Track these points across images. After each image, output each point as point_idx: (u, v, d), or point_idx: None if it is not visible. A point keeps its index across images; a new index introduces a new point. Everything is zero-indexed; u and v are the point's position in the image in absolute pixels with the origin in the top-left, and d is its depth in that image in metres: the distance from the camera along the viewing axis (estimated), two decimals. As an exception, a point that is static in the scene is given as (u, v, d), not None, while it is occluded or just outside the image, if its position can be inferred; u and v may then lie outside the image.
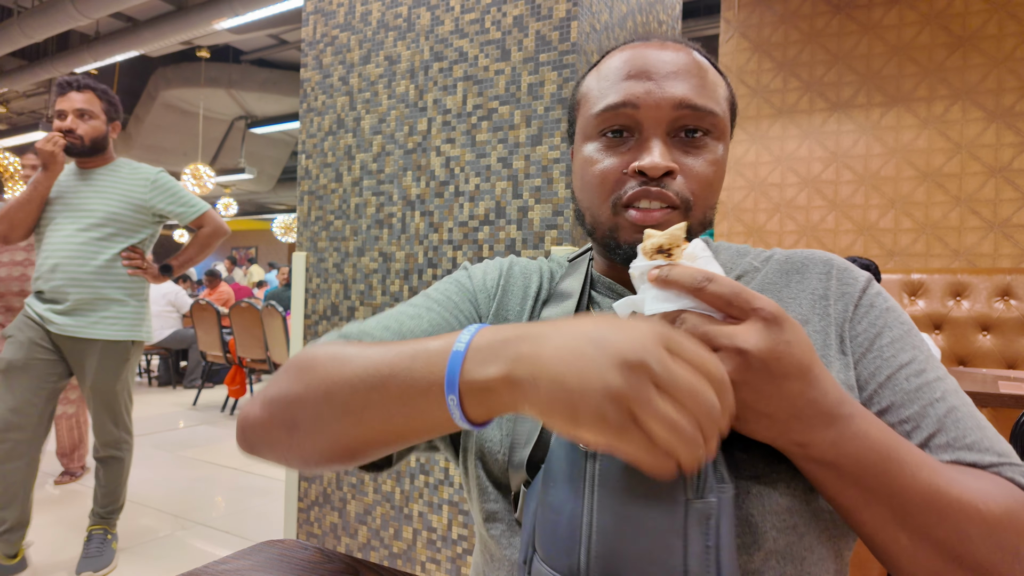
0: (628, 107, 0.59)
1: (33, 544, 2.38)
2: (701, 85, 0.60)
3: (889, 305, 0.61)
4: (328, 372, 0.50)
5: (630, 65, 0.61)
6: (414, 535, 1.74)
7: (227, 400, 5.09)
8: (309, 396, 0.50)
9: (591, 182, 0.62)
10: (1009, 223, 2.79)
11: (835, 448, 0.46)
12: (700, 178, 0.60)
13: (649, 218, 0.58)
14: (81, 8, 5.05)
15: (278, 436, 0.53)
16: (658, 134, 0.59)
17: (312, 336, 1.98)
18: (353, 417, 0.48)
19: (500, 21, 1.63)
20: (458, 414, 0.43)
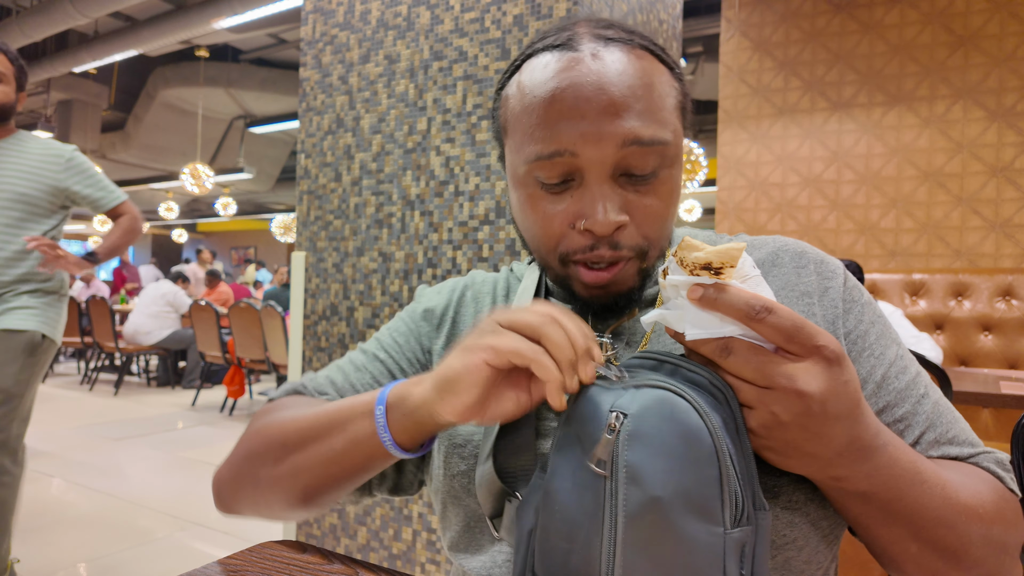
0: (566, 156, 0.51)
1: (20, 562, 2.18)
2: (647, 109, 0.51)
3: (866, 298, 0.58)
4: (281, 425, 0.57)
5: (558, 96, 0.51)
6: (413, 536, 1.73)
7: (226, 400, 5.08)
8: (267, 448, 0.57)
9: (533, 231, 0.56)
10: (1010, 223, 2.78)
11: (869, 479, 0.44)
12: (654, 220, 0.53)
13: (603, 277, 0.53)
14: (80, 7, 5.04)
15: (247, 494, 0.59)
16: (602, 181, 0.51)
17: (311, 336, 1.97)
18: (303, 453, 0.54)
19: (500, 20, 1.62)
20: (383, 423, 0.49)
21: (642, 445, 0.41)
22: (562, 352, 0.43)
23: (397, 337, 0.69)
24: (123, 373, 5.80)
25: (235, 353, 4.88)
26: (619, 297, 0.55)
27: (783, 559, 0.51)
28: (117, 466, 3.46)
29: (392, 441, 0.50)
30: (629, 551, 0.41)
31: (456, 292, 0.70)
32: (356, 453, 0.52)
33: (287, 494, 0.56)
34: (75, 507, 2.81)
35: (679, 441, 0.40)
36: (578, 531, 0.43)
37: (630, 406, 0.42)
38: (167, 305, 5.86)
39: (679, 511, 0.40)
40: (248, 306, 4.71)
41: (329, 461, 0.53)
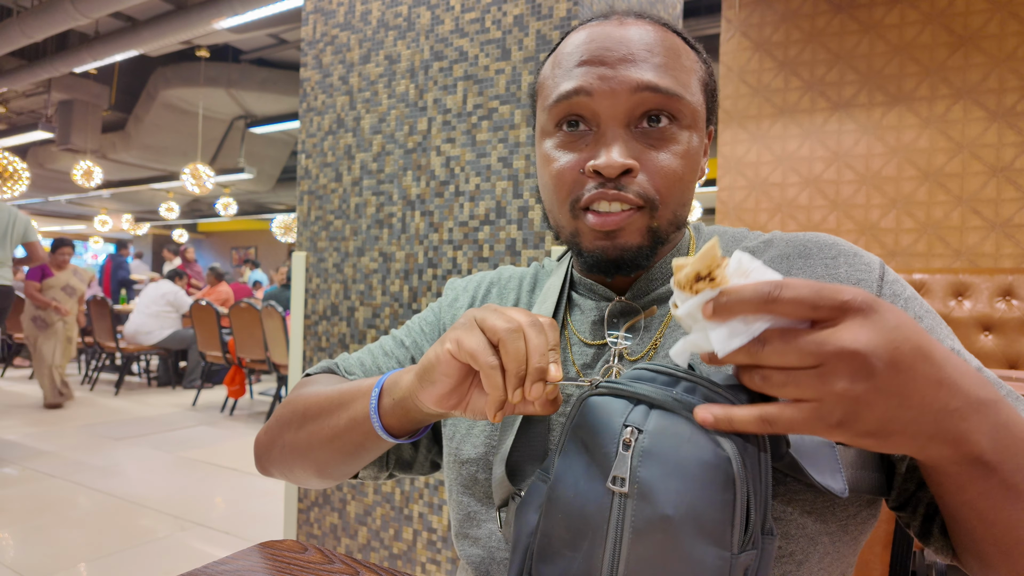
0: (581, 95, 0.53)
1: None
2: (665, 65, 0.53)
3: (910, 293, 0.54)
4: (305, 398, 0.63)
5: (584, 48, 0.55)
6: (414, 536, 1.73)
7: (226, 400, 5.08)
8: (291, 416, 0.63)
9: (548, 183, 0.57)
10: (1011, 223, 2.78)
11: (993, 439, 0.38)
12: (665, 173, 0.53)
13: (608, 222, 0.53)
14: (80, 8, 5.04)
15: (274, 456, 0.65)
16: (616, 126, 0.53)
17: (312, 336, 1.97)
18: (313, 425, 0.60)
19: (500, 20, 1.62)
20: (374, 407, 0.53)
21: (657, 463, 0.41)
22: (514, 366, 0.43)
23: (424, 326, 0.73)
24: (124, 373, 5.80)
25: (236, 353, 4.88)
26: (625, 251, 0.54)
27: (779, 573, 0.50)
28: (118, 466, 3.46)
29: (380, 425, 0.53)
30: (633, 565, 0.41)
31: (482, 286, 0.73)
32: (354, 432, 0.56)
33: (302, 461, 0.62)
34: (76, 507, 2.82)
35: (696, 464, 0.40)
36: (582, 540, 0.43)
37: (645, 423, 0.42)
38: (167, 305, 5.86)
39: (689, 532, 0.39)
40: (249, 306, 4.71)
41: (333, 436, 0.58)
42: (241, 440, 4.13)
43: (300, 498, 1.97)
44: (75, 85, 8.16)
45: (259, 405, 5.39)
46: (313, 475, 0.63)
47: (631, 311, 0.59)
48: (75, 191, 12.28)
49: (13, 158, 6.53)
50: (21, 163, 6.59)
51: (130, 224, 13.49)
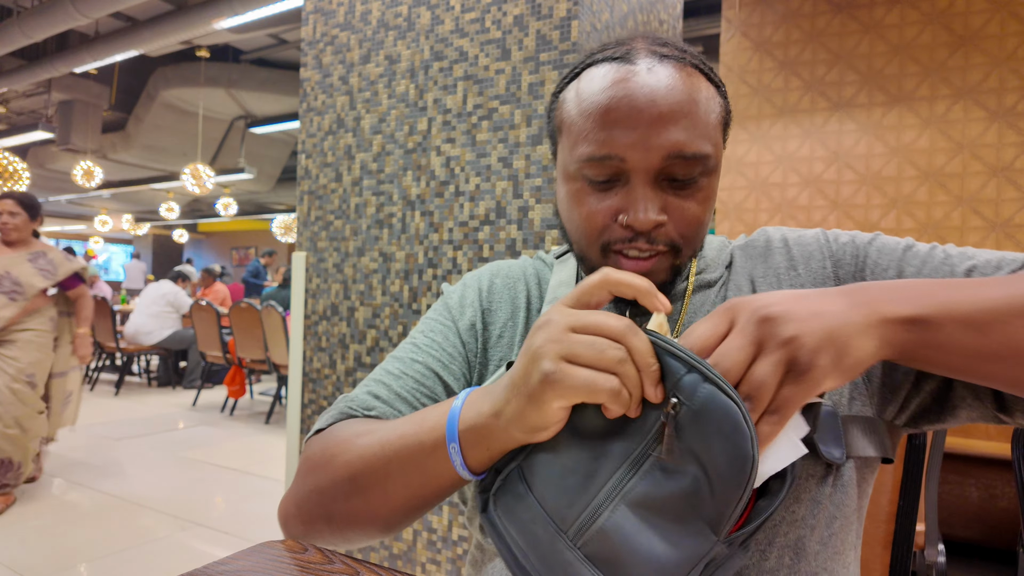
0: (615, 160, 0.56)
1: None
2: (692, 125, 0.56)
3: (850, 235, 0.63)
4: (346, 459, 0.56)
5: (614, 105, 0.55)
6: (414, 536, 1.73)
7: (227, 400, 5.08)
8: (335, 485, 0.56)
9: (578, 224, 0.60)
10: (1011, 223, 2.78)
11: (917, 301, 0.44)
12: (690, 221, 0.58)
13: (641, 267, 0.58)
14: (81, 8, 5.04)
15: (320, 529, 0.59)
16: (646, 184, 0.56)
17: (312, 336, 1.97)
18: (378, 490, 0.54)
19: (500, 20, 1.62)
20: (459, 460, 0.49)
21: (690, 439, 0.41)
22: (635, 388, 0.43)
23: (434, 336, 0.69)
24: (124, 373, 5.80)
25: (236, 353, 4.89)
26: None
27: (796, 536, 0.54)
28: (118, 466, 3.46)
29: (472, 474, 0.50)
30: (629, 507, 0.43)
31: (483, 281, 0.73)
32: (436, 485, 0.52)
33: (366, 526, 0.57)
34: (76, 507, 2.82)
35: (725, 458, 0.40)
36: (585, 463, 0.45)
37: (693, 395, 0.41)
38: (168, 305, 5.86)
39: (691, 510, 0.41)
40: (249, 306, 4.71)
41: (408, 496, 0.53)
42: (241, 440, 4.13)
43: (300, 498, 1.97)
44: (75, 85, 8.16)
45: (259, 405, 5.39)
46: (378, 534, 0.58)
47: (645, 311, 0.62)
48: (75, 191, 12.28)
49: (13, 158, 6.53)
50: (21, 163, 6.59)
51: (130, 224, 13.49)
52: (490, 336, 0.68)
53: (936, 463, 1.51)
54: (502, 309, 0.70)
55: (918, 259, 0.57)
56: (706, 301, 0.63)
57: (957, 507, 2.36)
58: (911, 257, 0.58)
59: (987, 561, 2.43)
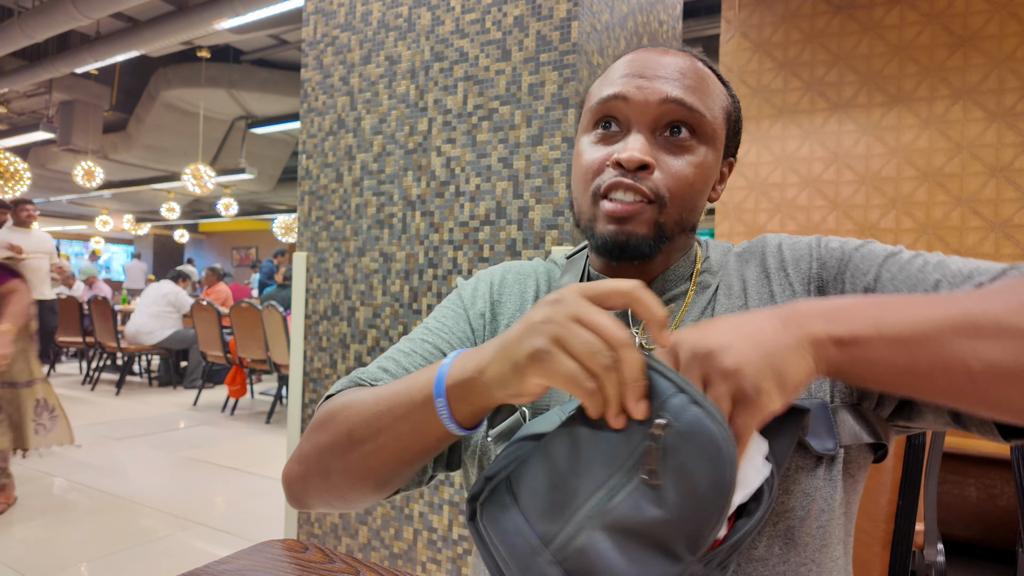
0: (618, 99, 0.62)
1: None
2: (693, 87, 0.62)
3: (841, 241, 0.65)
4: (346, 416, 0.59)
5: (629, 65, 0.64)
6: (415, 535, 1.73)
7: (227, 400, 5.09)
8: (334, 440, 0.59)
9: (578, 172, 0.66)
10: (1010, 223, 2.78)
11: (847, 322, 0.45)
12: (678, 176, 0.61)
13: (619, 210, 0.60)
14: (82, 8, 5.05)
15: (317, 483, 0.61)
16: (641, 129, 0.62)
17: (313, 336, 1.97)
18: (371, 444, 0.56)
19: (501, 21, 1.62)
20: (446, 414, 0.51)
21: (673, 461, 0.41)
22: (614, 394, 0.43)
23: (445, 320, 0.73)
24: (125, 373, 5.80)
25: (236, 353, 4.89)
26: (631, 237, 0.61)
27: (785, 527, 0.56)
28: (119, 466, 3.47)
29: (458, 425, 0.52)
30: (609, 527, 0.43)
31: (495, 276, 0.76)
32: (424, 439, 0.54)
33: (359, 481, 0.59)
34: (77, 507, 2.82)
35: (706, 480, 0.40)
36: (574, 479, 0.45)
37: (680, 416, 0.41)
38: (168, 305, 5.86)
39: (669, 532, 0.41)
40: (249, 306, 4.72)
41: (398, 448, 0.55)
42: (242, 440, 4.13)
43: (301, 498, 1.97)
44: (76, 85, 8.17)
45: (260, 405, 5.39)
46: (371, 492, 0.60)
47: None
48: (76, 191, 12.29)
49: (14, 158, 6.54)
50: (22, 163, 6.60)
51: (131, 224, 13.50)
52: (498, 326, 0.72)
53: (935, 463, 1.51)
54: (511, 301, 0.73)
55: (896, 266, 0.58)
56: (700, 301, 0.66)
57: (956, 507, 2.36)
58: (891, 264, 0.59)
59: (986, 561, 2.43)
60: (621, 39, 1.71)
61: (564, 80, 1.52)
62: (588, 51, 1.55)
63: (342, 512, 0.65)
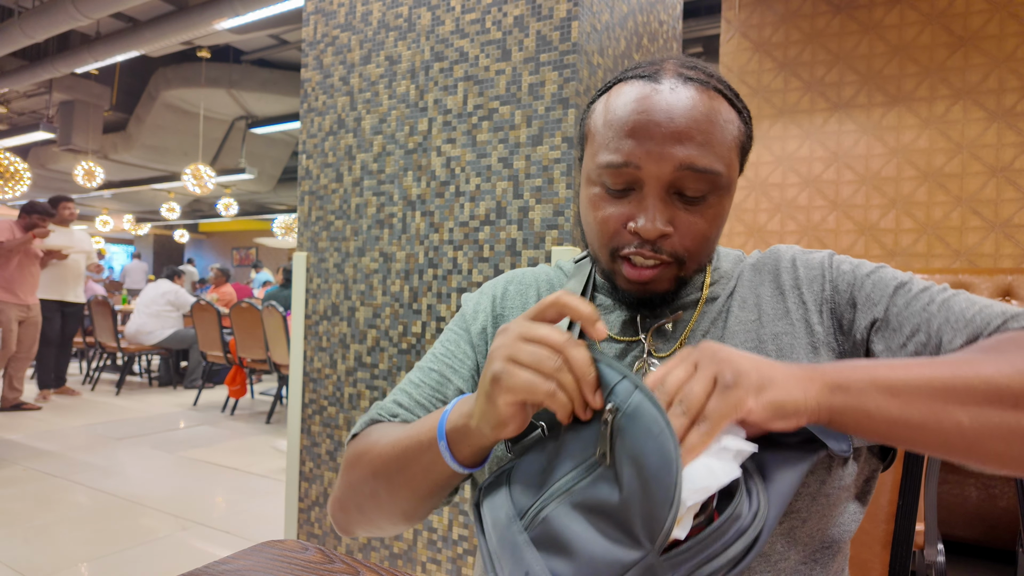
0: (631, 167, 0.60)
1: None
2: (707, 142, 0.59)
3: (853, 264, 0.65)
4: (369, 459, 0.65)
5: (635, 118, 0.60)
6: (415, 535, 1.73)
7: (227, 400, 5.09)
8: (363, 481, 0.65)
9: (592, 227, 0.65)
10: (1010, 223, 2.78)
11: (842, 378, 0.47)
12: (696, 235, 0.62)
13: (643, 275, 0.62)
14: (82, 8, 5.05)
15: (356, 517, 0.68)
16: (657, 194, 0.60)
17: (313, 336, 1.98)
18: (392, 483, 0.62)
19: (501, 21, 1.62)
20: (448, 455, 0.55)
21: (623, 443, 0.45)
22: (573, 390, 0.48)
23: (448, 345, 0.76)
24: (125, 373, 5.80)
25: (236, 353, 4.89)
26: (655, 296, 0.64)
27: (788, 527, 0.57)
28: (119, 465, 3.47)
29: (462, 466, 0.57)
30: (573, 505, 0.48)
31: (498, 288, 0.78)
32: (434, 478, 0.59)
33: (390, 516, 0.65)
34: (77, 507, 2.82)
35: (655, 457, 0.42)
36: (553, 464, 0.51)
37: (626, 401, 0.46)
38: (168, 304, 5.85)
39: (627, 514, 0.44)
40: (250, 306, 4.72)
41: (415, 486, 0.61)
42: (242, 440, 4.14)
43: (301, 498, 1.98)
44: (76, 85, 8.17)
45: (260, 405, 5.39)
46: (401, 521, 0.66)
47: (660, 314, 0.68)
48: (76, 191, 12.29)
49: (15, 158, 6.54)
50: (22, 163, 6.60)
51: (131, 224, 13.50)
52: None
53: (936, 462, 1.51)
54: (514, 314, 0.74)
55: (904, 300, 0.60)
56: (711, 311, 0.67)
57: (957, 507, 2.36)
58: (899, 298, 0.60)
59: (987, 561, 2.43)
60: (621, 39, 1.71)
61: (564, 80, 1.52)
62: (588, 51, 1.55)
63: (389, 536, 0.72)
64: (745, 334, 0.64)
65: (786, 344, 0.62)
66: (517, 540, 0.49)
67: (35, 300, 4.61)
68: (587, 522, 0.46)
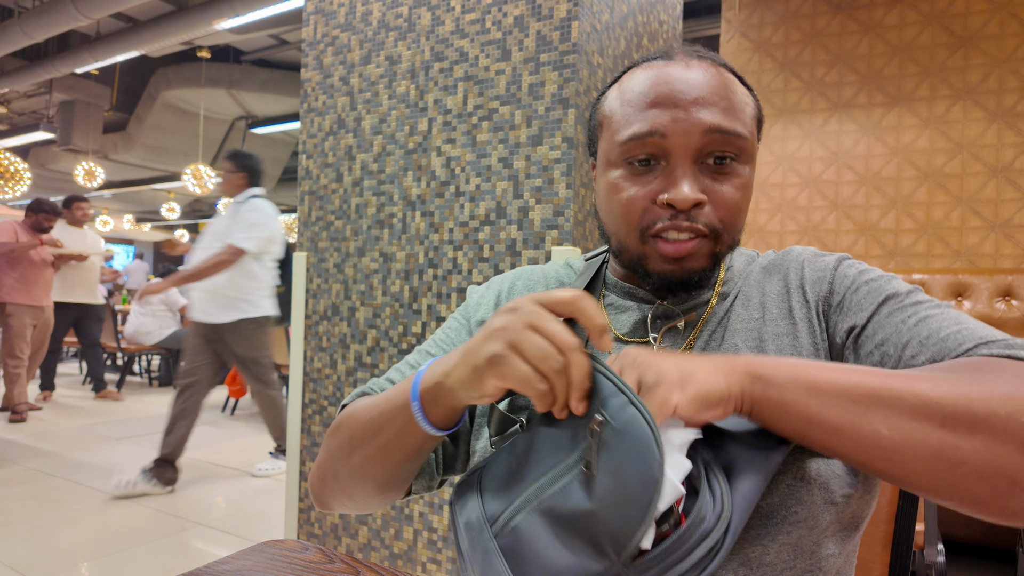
0: (656, 136, 0.58)
1: None
2: (729, 107, 0.59)
3: (860, 269, 0.63)
4: (347, 423, 0.64)
5: (655, 90, 0.60)
6: (415, 535, 1.73)
7: (227, 400, 5.08)
8: (340, 445, 0.64)
9: (617, 211, 0.62)
10: (1010, 223, 2.78)
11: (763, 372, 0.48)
12: (729, 205, 0.60)
13: (681, 249, 0.59)
14: (82, 8, 5.05)
15: (331, 486, 0.67)
16: (686, 163, 0.59)
17: (313, 336, 1.97)
18: (368, 447, 0.61)
19: (501, 21, 1.62)
20: (421, 417, 0.55)
21: (607, 456, 0.45)
22: (563, 393, 0.48)
23: (449, 333, 0.75)
24: (125, 373, 5.80)
25: (236, 353, 4.88)
26: (691, 274, 0.61)
27: (796, 535, 0.55)
28: (119, 465, 3.47)
29: (434, 427, 0.56)
30: (542, 513, 0.48)
31: (505, 283, 0.77)
32: (407, 441, 0.58)
33: (362, 484, 0.64)
34: (77, 506, 2.82)
35: (635, 477, 0.42)
36: (524, 467, 0.51)
37: (618, 415, 0.45)
38: (161, 303, 5.79)
39: (596, 526, 0.44)
40: (249, 306, 4.71)
41: (389, 450, 0.60)
42: (242, 440, 4.13)
43: (301, 497, 1.97)
44: (76, 86, 8.17)
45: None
46: (374, 494, 0.65)
47: (671, 315, 0.66)
48: (77, 191, 12.30)
49: (15, 158, 6.54)
50: (23, 163, 6.60)
51: (131, 224, 13.50)
52: None
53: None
54: None
55: (889, 310, 0.57)
56: (720, 311, 0.65)
57: (957, 507, 2.36)
58: (887, 306, 0.58)
59: (987, 561, 2.43)
60: (621, 39, 1.71)
61: (564, 80, 1.52)
62: (588, 51, 1.55)
63: (362, 514, 0.72)
64: (747, 332, 0.63)
65: (787, 344, 0.61)
66: (488, 547, 0.50)
67: (49, 302, 4.59)
68: (553, 533, 0.46)
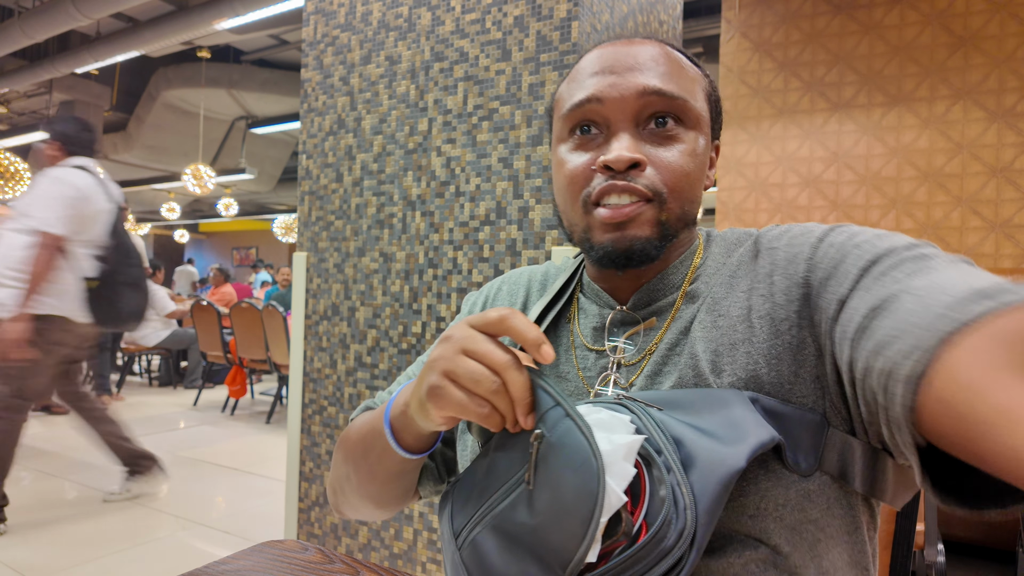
0: (593, 102, 0.58)
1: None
2: (669, 73, 0.58)
3: (850, 234, 0.53)
4: (344, 442, 0.68)
5: (596, 63, 0.60)
6: (414, 535, 1.73)
7: (227, 400, 5.09)
8: (338, 464, 0.69)
9: (561, 183, 0.61)
10: (1010, 223, 2.78)
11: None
12: (672, 168, 0.56)
13: (618, 214, 0.55)
14: (82, 8, 5.05)
15: (341, 499, 0.70)
16: (624, 127, 0.57)
17: (313, 336, 1.98)
18: (359, 467, 0.64)
19: (501, 21, 1.62)
20: (392, 441, 0.57)
21: (545, 469, 0.45)
22: (507, 411, 0.47)
23: None
24: (125, 373, 5.80)
25: (237, 353, 4.89)
26: (635, 243, 0.56)
27: (812, 539, 0.50)
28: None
29: (407, 451, 0.58)
30: (494, 528, 0.48)
31: (493, 289, 0.77)
32: (388, 464, 0.61)
33: (361, 500, 0.67)
34: (76, 506, 2.82)
35: (572, 491, 0.42)
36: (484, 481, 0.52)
37: (555, 427, 0.45)
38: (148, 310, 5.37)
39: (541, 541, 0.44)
40: (250, 306, 4.72)
41: (375, 472, 0.63)
42: (242, 440, 4.13)
43: (301, 498, 1.97)
44: (76, 86, 8.17)
45: (260, 405, 5.39)
46: (373, 508, 0.68)
47: (632, 320, 0.62)
48: (76, 191, 12.27)
49: (15, 158, 6.54)
50: (22, 163, 6.60)
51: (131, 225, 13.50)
52: None
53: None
54: None
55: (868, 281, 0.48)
56: (686, 317, 0.58)
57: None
58: (865, 280, 0.48)
59: (987, 561, 2.43)
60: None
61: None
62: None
63: (372, 520, 0.77)
64: (707, 341, 0.55)
65: (741, 354, 0.53)
66: (455, 559, 0.51)
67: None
68: (504, 549, 0.46)
